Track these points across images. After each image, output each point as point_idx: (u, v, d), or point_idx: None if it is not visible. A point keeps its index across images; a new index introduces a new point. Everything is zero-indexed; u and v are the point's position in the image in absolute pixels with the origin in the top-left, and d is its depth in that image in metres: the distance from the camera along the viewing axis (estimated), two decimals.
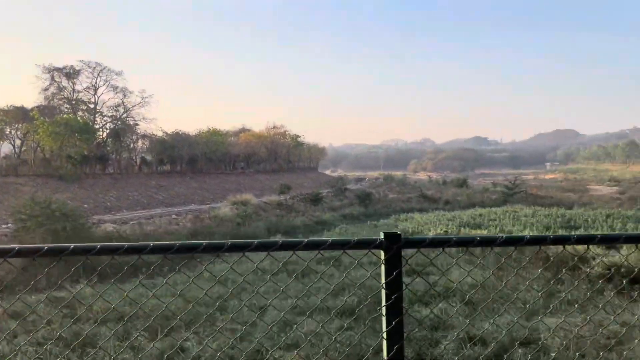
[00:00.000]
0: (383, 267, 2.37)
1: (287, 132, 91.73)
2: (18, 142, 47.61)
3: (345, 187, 57.88)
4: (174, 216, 35.67)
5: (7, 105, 45.84)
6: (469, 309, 12.11)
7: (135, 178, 52.12)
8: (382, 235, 2.35)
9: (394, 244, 2.34)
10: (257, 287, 14.80)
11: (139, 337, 10.64)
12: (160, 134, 60.71)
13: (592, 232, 21.89)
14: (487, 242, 2.44)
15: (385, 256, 2.35)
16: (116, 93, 54.65)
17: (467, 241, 2.51)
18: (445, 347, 9.48)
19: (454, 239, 2.37)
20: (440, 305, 12.25)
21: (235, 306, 12.82)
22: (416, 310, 11.93)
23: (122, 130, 55.18)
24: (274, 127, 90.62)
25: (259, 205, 39.35)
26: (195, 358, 9.47)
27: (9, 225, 25.28)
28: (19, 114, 45.78)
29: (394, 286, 2.36)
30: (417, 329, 10.46)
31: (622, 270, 13.89)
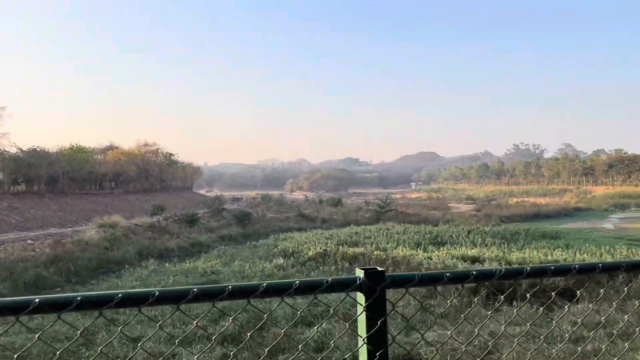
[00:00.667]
0: (364, 315, 1.91)
1: (159, 150, 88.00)
2: None
3: (223, 207, 56.69)
4: (29, 241, 32.30)
5: None
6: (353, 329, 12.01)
7: None
8: (360, 273, 1.89)
9: (377, 285, 1.89)
10: (128, 316, 13.74)
11: None
12: (14, 150, 55.32)
13: (458, 247, 23.28)
14: (485, 277, 2.33)
15: (366, 301, 1.89)
16: None
17: (462, 277, 2.24)
18: None
19: (447, 275, 2.04)
20: (325, 324, 12.02)
21: (105, 340, 11.67)
22: (299, 332, 11.62)
23: None
24: (145, 145, 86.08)
25: (129, 227, 37.00)
26: None
27: None
28: None
29: (378, 339, 1.92)
30: (302, 353, 10.16)
31: (485, 282, 14.86)
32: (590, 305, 13.56)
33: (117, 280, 20.38)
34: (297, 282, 1.79)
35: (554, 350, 9.85)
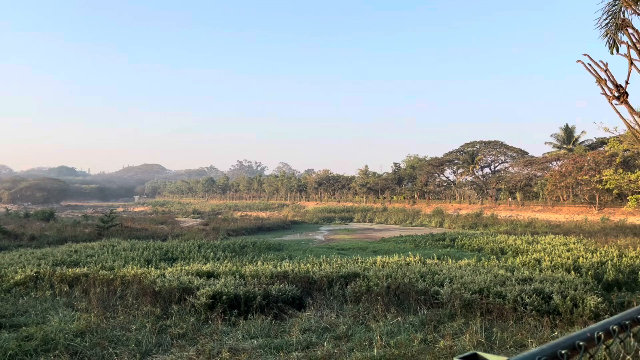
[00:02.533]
0: None
1: None
2: None
3: None
4: None
5: None
6: None
7: None
8: None
9: None
10: None
11: None
12: None
13: (191, 262, 22.86)
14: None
15: None
16: None
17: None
18: None
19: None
20: None
21: None
22: None
23: None
24: None
25: None
26: None
27: None
28: None
29: None
30: None
31: (224, 297, 14.82)
32: (314, 313, 14.62)
33: None
34: None
35: (292, 356, 10.27)
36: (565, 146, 71.58)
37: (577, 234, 35.85)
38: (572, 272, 18.05)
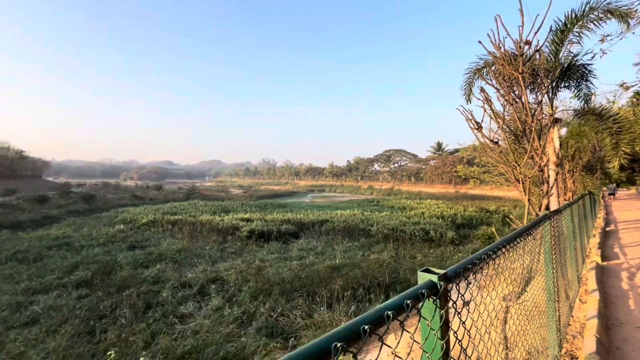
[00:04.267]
0: (437, 314, 0.85)
1: (10, 147, 63.00)
2: None
3: (70, 190, 43.43)
4: None
5: None
6: (177, 266, 10.51)
7: None
8: (433, 278, 0.87)
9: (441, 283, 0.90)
10: None
11: None
12: None
13: (237, 213, 22.62)
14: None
15: (440, 304, 0.88)
16: None
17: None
18: (165, 294, 7.87)
19: None
20: (158, 266, 10.23)
21: None
22: (139, 273, 9.61)
23: None
24: None
25: None
26: None
27: None
28: None
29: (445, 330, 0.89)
30: (143, 286, 8.42)
31: (256, 232, 14.86)
32: (304, 241, 14.72)
33: None
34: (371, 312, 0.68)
35: (293, 263, 10.40)
36: (437, 152, 72.58)
37: (442, 199, 36.53)
38: (440, 220, 18.47)
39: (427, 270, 0.84)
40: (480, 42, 3.63)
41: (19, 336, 5.68)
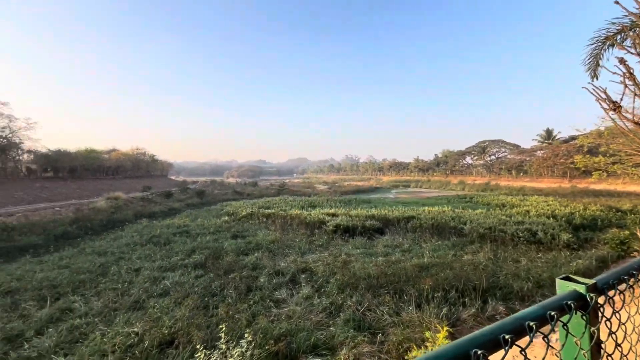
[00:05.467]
0: (587, 332, 0.65)
1: (146, 152, 78.71)
2: None
3: (187, 186, 51.64)
4: (57, 208, 26.76)
5: None
6: (271, 255, 11.44)
7: (20, 182, 37.75)
8: (579, 288, 0.66)
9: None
10: (131, 255, 11.81)
11: (27, 306, 7.26)
12: (44, 150, 45.83)
13: (323, 208, 23.39)
14: None
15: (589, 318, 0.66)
16: (2, 119, 39.06)
17: None
18: (262, 280, 8.64)
19: None
20: (256, 254, 11.30)
21: (115, 271, 9.84)
22: (241, 259, 10.78)
23: (8, 146, 39.57)
24: (137, 149, 77.14)
25: (127, 199, 32.23)
26: (83, 314, 6.80)
27: None
28: None
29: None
30: (244, 271, 9.40)
31: (341, 226, 15.13)
32: (389, 237, 14.34)
33: (121, 232, 17.55)
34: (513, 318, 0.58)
35: (378, 259, 10.25)
36: (546, 142, 61.84)
37: (553, 195, 31.08)
38: (551, 219, 15.74)
39: (568, 279, 0.67)
40: (617, 2, 2.90)
41: (156, 304, 6.98)
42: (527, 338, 0.51)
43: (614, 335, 0.68)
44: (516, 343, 0.47)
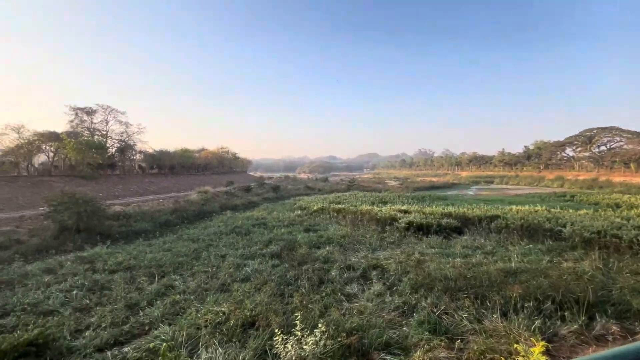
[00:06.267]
0: None
1: (229, 151, 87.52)
2: (51, 154, 39.30)
3: (264, 182, 55.70)
4: (160, 200, 31.51)
5: (43, 130, 38.05)
6: (342, 249, 11.60)
7: (134, 177, 45.47)
8: None
9: None
10: (218, 243, 13.25)
11: (141, 281, 8.74)
12: (150, 150, 54.73)
13: (394, 204, 22.77)
14: None
15: None
16: (120, 125, 47.78)
17: None
18: (333, 273, 8.79)
19: None
20: (327, 248, 11.60)
21: (206, 256, 11.17)
22: (313, 252, 11.18)
23: (125, 148, 48.10)
24: (222, 147, 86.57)
25: (214, 193, 36.24)
26: (181, 292, 7.89)
27: (45, 208, 20.55)
28: (52, 136, 38.07)
29: None
30: (316, 264, 9.73)
31: (414, 224, 14.53)
32: (469, 237, 13.23)
33: (210, 222, 19.81)
34: None
35: (456, 260, 9.56)
36: None
37: None
38: None
39: None
40: None
41: (239, 288, 7.70)
42: None
43: None
44: None
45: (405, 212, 18.06)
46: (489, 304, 6.32)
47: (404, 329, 5.61)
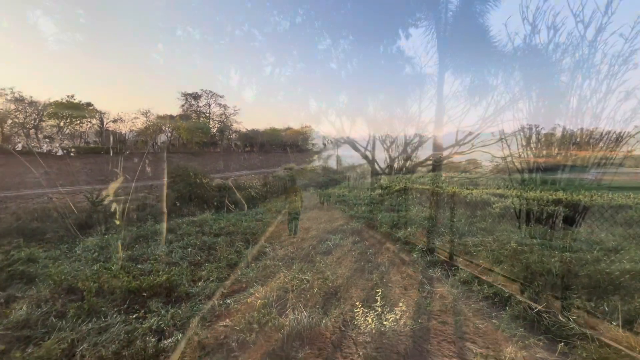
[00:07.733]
0: None
1: (312, 129, 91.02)
2: (169, 134, 47.21)
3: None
4: (252, 175, 34.94)
5: (163, 114, 45.93)
6: (424, 232, 11.15)
7: (231, 154, 51.18)
8: None
9: None
10: (302, 216, 14.14)
11: (239, 245, 10.00)
12: (244, 130, 60.73)
13: (483, 187, 20.57)
14: None
15: None
16: (220, 107, 54.12)
17: None
18: (415, 255, 8.61)
19: None
20: (409, 229, 11.32)
21: (291, 227, 12.06)
22: (394, 232, 11.02)
23: (224, 128, 54.36)
24: (305, 126, 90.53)
25: (299, 169, 38.43)
26: (271, 258, 8.75)
27: (165, 179, 24.74)
28: (169, 119, 45.73)
29: None
30: (398, 244, 9.61)
31: (512, 210, 12.96)
32: (584, 229, 11.21)
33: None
34: None
35: (564, 254, 8.27)
36: None
37: None
38: None
39: None
40: None
41: (321, 261, 8.17)
42: None
43: None
44: None
45: (501, 195, 16.17)
46: (607, 309, 5.36)
47: (494, 321, 5.22)
